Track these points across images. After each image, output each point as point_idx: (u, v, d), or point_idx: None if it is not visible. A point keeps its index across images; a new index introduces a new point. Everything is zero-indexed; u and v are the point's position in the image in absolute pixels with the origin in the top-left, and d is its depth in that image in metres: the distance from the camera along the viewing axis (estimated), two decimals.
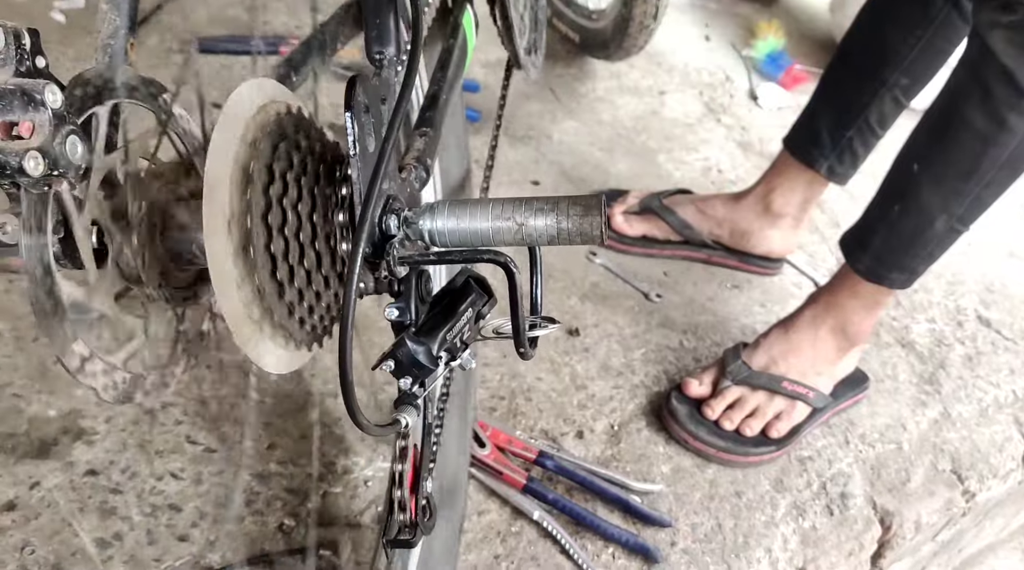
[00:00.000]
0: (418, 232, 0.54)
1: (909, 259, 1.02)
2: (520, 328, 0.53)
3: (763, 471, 1.09)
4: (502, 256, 0.50)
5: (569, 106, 1.77)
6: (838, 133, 1.21)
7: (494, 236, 0.53)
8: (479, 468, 0.99)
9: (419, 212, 0.54)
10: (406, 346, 0.52)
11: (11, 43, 0.41)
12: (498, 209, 0.52)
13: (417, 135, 0.62)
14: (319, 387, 1.04)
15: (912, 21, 1.10)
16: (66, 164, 0.42)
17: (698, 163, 1.71)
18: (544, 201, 0.52)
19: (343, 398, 0.48)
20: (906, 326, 1.41)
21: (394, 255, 0.51)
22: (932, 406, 1.27)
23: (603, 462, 1.06)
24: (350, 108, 0.49)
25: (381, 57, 0.57)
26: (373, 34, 0.57)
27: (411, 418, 0.54)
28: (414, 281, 0.53)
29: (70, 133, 0.43)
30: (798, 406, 1.10)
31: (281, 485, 0.92)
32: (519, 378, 1.13)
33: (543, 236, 0.52)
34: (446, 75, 0.70)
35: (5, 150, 0.39)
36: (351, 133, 0.49)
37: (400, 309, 0.53)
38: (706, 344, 1.27)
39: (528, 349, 0.55)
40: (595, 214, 0.51)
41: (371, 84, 0.52)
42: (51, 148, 0.41)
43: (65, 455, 0.89)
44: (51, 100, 0.41)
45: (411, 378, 0.53)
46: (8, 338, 0.98)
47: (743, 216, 1.36)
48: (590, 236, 0.51)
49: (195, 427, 0.95)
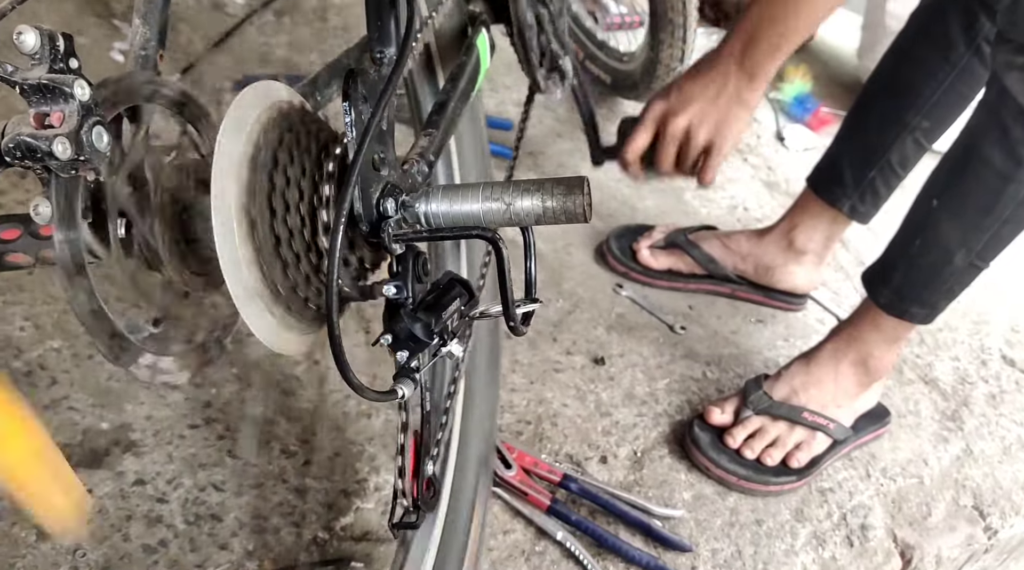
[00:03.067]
0: (415, 214, 0.58)
1: (929, 294, 1.05)
2: (510, 302, 0.56)
3: (784, 500, 1.12)
4: (489, 232, 0.54)
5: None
6: (861, 173, 1.25)
7: (484, 216, 0.57)
8: (505, 488, 1.02)
9: (415, 196, 0.58)
10: (403, 321, 0.56)
11: (46, 44, 0.46)
12: (487, 191, 0.56)
13: (423, 134, 0.68)
14: (353, 407, 1.09)
15: (935, 66, 1.14)
16: (91, 151, 0.47)
17: (724, 201, 1.75)
18: (530, 182, 0.56)
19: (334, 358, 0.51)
20: (929, 363, 1.43)
21: (389, 233, 0.56)
22: (954, 442, 1.28)
23: (626, 487, 1.09)
24: (347, 97, 0.54)
25: (381, 56, 0.63)
26: (375, 35, 0.63)
27: (408, 390, 0.58)
28: (411, 260, 0.58)
29: (96, 123, 0.48)
30: (818, 437, 1.13)
31: (317, 499, 0.97)
32: (545, 404, 1.17)
33: (530, 215, 0.56)
34: (456, 87, 0.76)
35: (37, 136, 0.45)
36: (348, 119, 0.54)
37: (398, 287, 0.57)
38: (729, 376, 1.30)
39: (519, 325, 0.57)
40: (577, 193, 0.54)
41: (370, 78, 0.57)
42: (79, 135, 0.46)
43: (116, 465, 0.95)
44: (79, 93, 0.47)
45: (408, 351, 0.57)
46: (66, 355, 1.05)
47: (767, 252, 1.39)
48: (574, 214, 0.55)
49: (236, 442, 1.00)
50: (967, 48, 1.12)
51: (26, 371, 1.02)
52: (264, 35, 1.83)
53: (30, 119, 0.46)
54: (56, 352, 1.05)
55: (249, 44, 1.78)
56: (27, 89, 0.46)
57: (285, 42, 1.82)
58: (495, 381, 0.95)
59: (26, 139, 0.44)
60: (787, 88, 2.15)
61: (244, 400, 1.05)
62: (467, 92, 0.74)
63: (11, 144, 0.45)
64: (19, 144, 0.45)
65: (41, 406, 0.98)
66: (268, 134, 0.54)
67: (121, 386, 1.03)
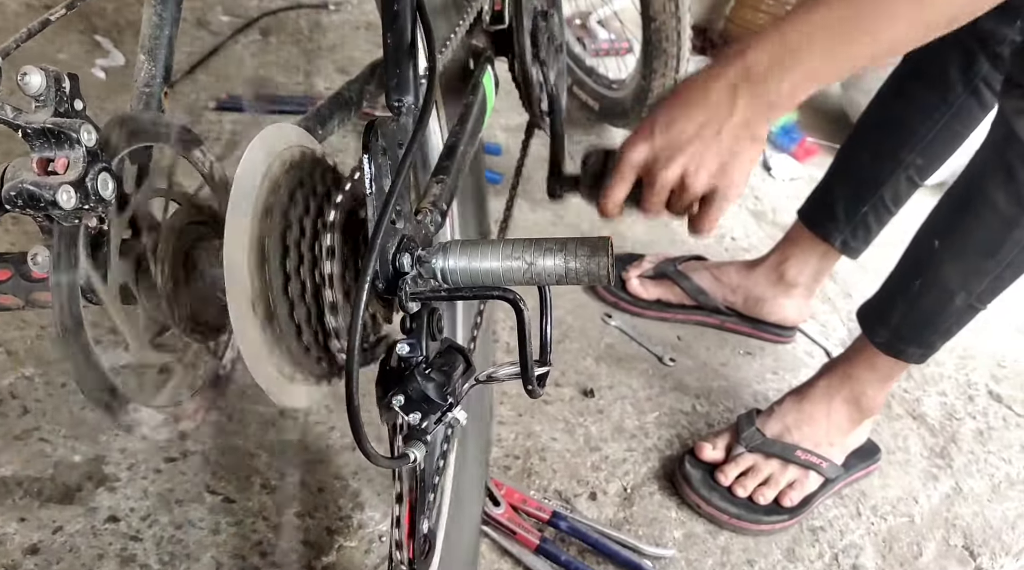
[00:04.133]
0: (431, 270, 0.56)
1: (928, 334, 1.04)
2: (528, 365, 0.54)
3: (775, 540, 1.10)
4: (511, 293, 0.52)
5: None
6: (853, 209, 1.24)
7: (504, 275, 0.54)
8: (493, 527, 0.99)
9: (432, 251, 0.56)
10: (416, 381, 0.53)
11: (51, 86, 0.43)
12: (508, 249, 0.54)
13: (434, 182, 0.65)
14: (337, 439, 1.05)
15: (931, 105, 1.14)
16: (96, 199, 0.45)
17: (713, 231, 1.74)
18: (553, 241, 0.54)
19: (351, 427, 0.49)
20: (917, 398, 1.42)
21: (406, 290, 0.53)
22: (944, 480, 1.27)
23: (615, 525, 1.06)
24: (368, 150, 0.51)
25: (400, 105, 0.60)
26: (393, 83, 0.60)
27: (419, 453, 0.55)
28: (426, 318, 0.55)
29: (102, 170, 0.45)
30: (811, 476, 1.11)
31: (298, 538, 0.93)
32: (534, 437, 1.15)
33: (551, 276, 0.54)
34: (464, 128, 0.73)
35: (40, 184, 0.42)
36: (368, 173, 0.51)
37: (411, 345, 0.55)
38: (719, 409, 1.28)
39: (536, 387, 0.55)
40: (602, 255, 0.53)
41: (389, 129, 0.55)
42: (83, 183, 0.44)
43: (88, 501, 0.91)
44: (86, 138, 0.44)
45: (420, 413, 0.55)
46: (38, 383, 1.01)
47: (757, 284, 1.38)
48: (597, 276, 0.53)
49: (215, 477, 0.97)
50: (964, 88, 1.12)
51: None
52: (250, 54, 1.80)
53: (32, 164, 0.43)
54: (28, 380, 1.01)
55: (234, 63, 1.75)
56: (31, 133, 0.43)
57: (271, 62, 1.80)
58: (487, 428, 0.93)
59: (29, 187, 0.42)
60: None
61: (224, 432, 1.02)
62: (475, 134, 0.72)
63: (12, 192, 0.42)
64: (21, 192, 0.42)
65: (11, 436, 0.94)
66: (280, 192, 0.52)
67: (95, 416, 0.99)
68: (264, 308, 0.52)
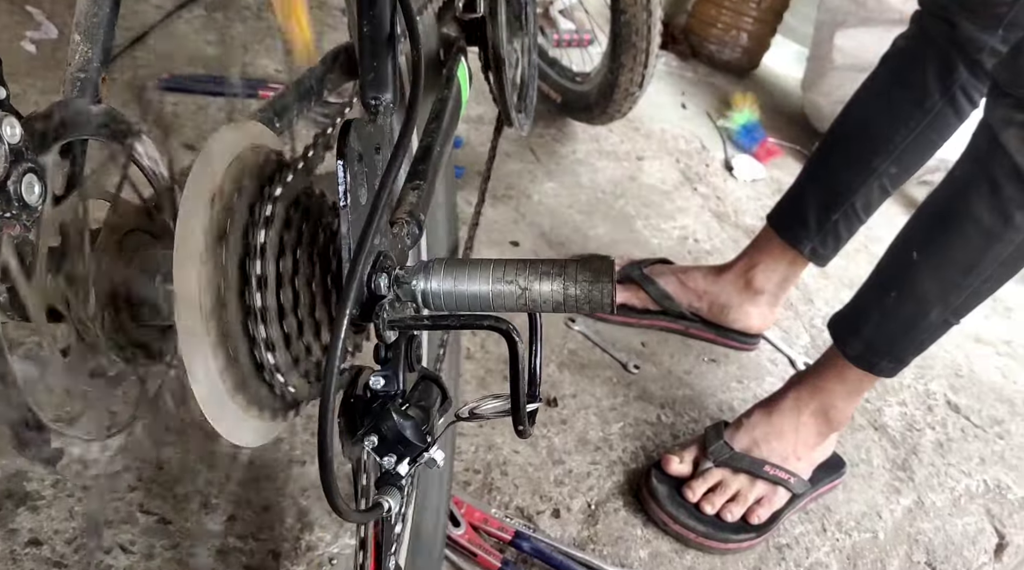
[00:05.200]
0: (410, 293, 0.49)
1: (901, 348, 1.01)
2: (521, 404, 0.48)
3: (741, 558, 1.06)
4: (504, 323, 0.46)
5: (549, 167, 1.75)
6: (824, 216, 1.21)
7: (494, 300, 0.49)
8: (452, 549, 0.93)
9: (412, 271, 0.50)
10: (391, 419, 0.47)
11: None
12: (500, 271, 0.49)
13: (409, 188, 0.58)
14: (284, 453, 0.98)
15: (906, 113, 1.11)
16: (20, 206, 0.38)
17: (675, 231, 1.71)
18: (550, 265, 0.48)
19: (321, 480, 0.43)
20: (879, 408, 1.41)
21: (384, 318, 0.47)
22: (906, 494, 1.25)
23: (580, 544, 1.01)
24: (343, 156, 0.44)
25: (377, 103, 0.54)
26: (369, 78, 0.53)
27: (395, 501, 0.49)
28: (403, 347, 0.49)
29: (27, 171, 0.38)
30: (779, 491, 1.08)
31: (240, 562, 0.86)
32: (495, 450, 1.09)
33: (548, 302, 0.48)
34: (440, 127, 0.66)
35: None
36: (343, 183, 0.44)
37: (387, 378, 0.48)
38: (684, 420, 1.24)
39: (527, 427, 0.50)
40: (606, 281, 0.47)
41: (366, 131, 0.48)
42: (4, 187, 0.37)
43: (7, 521, 0.82)
44: (8, 134, 0.37)
45: (396, 456, 0.48)
46: None
47: (723, 290, 1.34)
48: (600, 304, 0.48)
49: (149, 494, 0.89)
50: (942, 96, 1.09)
51: None
52: (193, 31, 1.70)
53: None
54: None
55: (176, 40, 1.64)
56: None
57: (216, 40, 1.70)
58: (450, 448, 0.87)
59: None
60: (736, 117, 2.13)
61: (159, 445, 0.93)
62: (449, 133, 0.65)
63: None
64: None
65: None
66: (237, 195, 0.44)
67: None
68: (218, 335, 0.45)
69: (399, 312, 0.48)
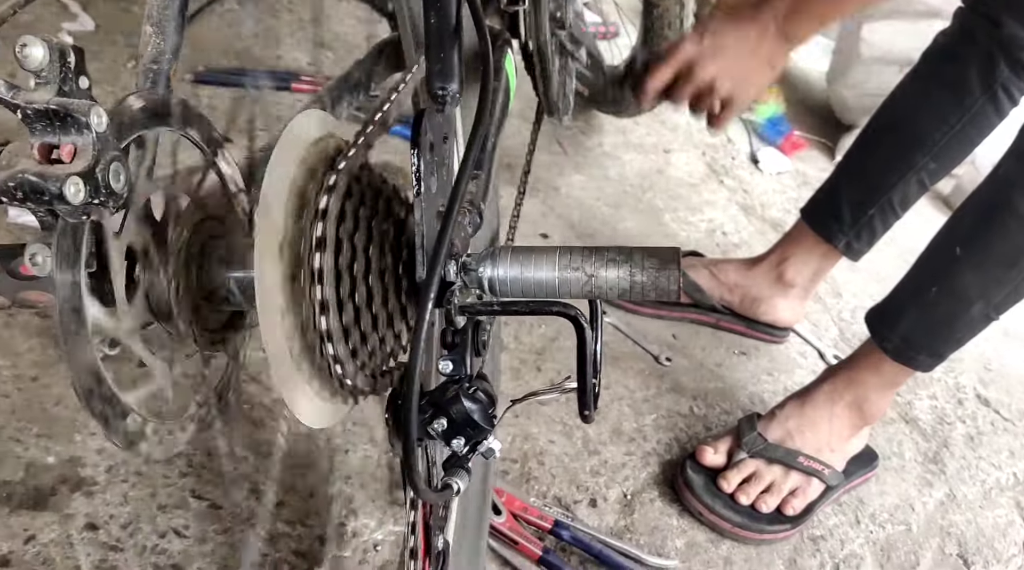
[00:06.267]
0: (476, 279, 0.51)
1: (939, 343, 1.02)
2: (588, 389, 0.50)
3: (776, 549, 1.07)
4: (572, 309, 0.47)
5: (576, 159, 1.76)
6: (860, 210, 1.21)
7: (560, 287, 0.50)
8: (494, 537, 0.95)
9: (478, 258, 0.51)
10: (460, 403, 0.48)
11: (55, 61, 0.37)
12: (566, 258, 0.49)
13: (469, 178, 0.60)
14: (326, 441, 1.00)
15: (947, 109, 1.11)
16: (108, 192, 0.39)
17: (703, 224, 1.71)
18: (617, 252, 0.49)
19: (403, 464, 0.45)
20: (909, 402, 1.41)
21: (455, 304, 0.48)
22: (938, 487, 1.26)
23: (617, 533, 1.03)
24: (417, 145, 0.46)
25: (444, 93, 0.55)
26: (436, 68, 0.54)
27: (463, 483, 0.50)
28: (471, 332, 0.50)
29: (113, 159, 0.40)
30: (813, 483, 1.09)
31: (289, 547, 0.88)
32: (531, 440, 1.10)
33: (614, 289, 0.49)
34: (492, 118, 0.68)
35: (45, 174, 0.36)
36: (416, 172, 0.46)
37: (455, 362, 0.50)
38: (716, 412, 1.26)
39: (592, 410, 0.51)
40: (672, 268, 0.48)
41: (436, 121, 0.49)
42: (93, 174, 0.38)
43: (63, 506, 0.84)
44: (96, 123, 0.38)
45: (464, 438, 0.50)
46: (6, 376, 0.93)
47: (755, 283, 1.35)
48: (666, 290, 0.49)
49: (200, 480, 0.91)
50: (983, 93, 1.09)
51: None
52: (226, 24, 1.71)
53: (33, 151, 0.37)
54: None
55: (211, 33, 1.66)
56: (31, 115, 0.36)
57: (250, 33, 1.71)
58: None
59: (31, 178, 0.35)
60: (761, 109, 2.13)
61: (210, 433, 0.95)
62: (501, 124, 0.67)
63: (11, 183, 0.35)
64: (22, 183, 0.35)
65: None
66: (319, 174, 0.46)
67: (70, 413, 0.92)
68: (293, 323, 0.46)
69: (467, 298, 0.49)
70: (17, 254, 0.43)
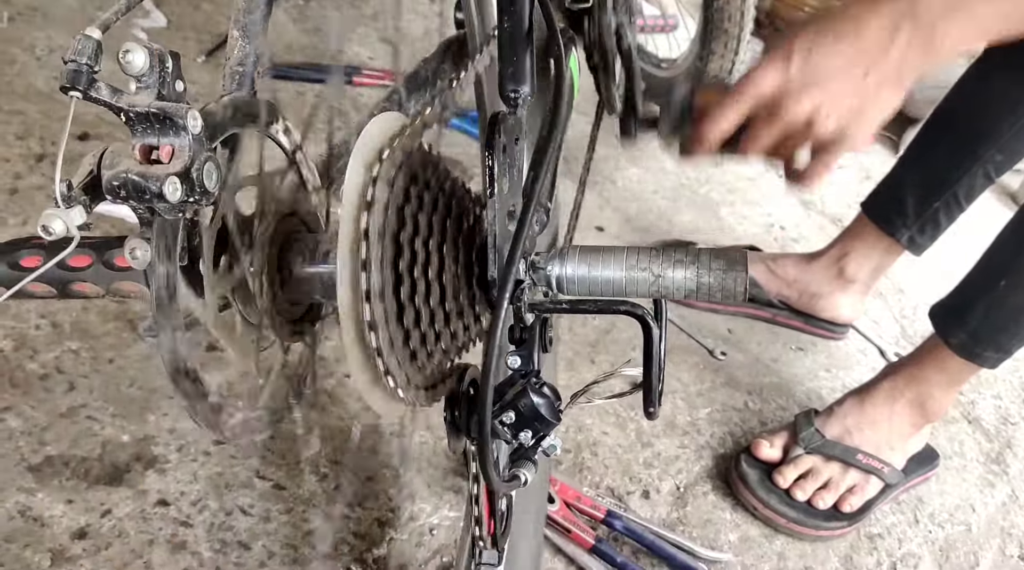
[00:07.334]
0: (544, 278, 0.52)
1: (1007, 338, 1.00)
2: (654, 387, 0.51)
3: (832, 546, 1.06)
4: (639, 308, 0.48)
5: (631, 153, 1.76)
6: (924, 203, 1.19)
7: (627, 286, 0.51)
8: (548, 525, 0.96)
9: (546, 257, 0.52)
10: (528, 397, 0.50)
11: (155, 66, 0.40)
12: (633, 258, 0.50)
13: None
14: (386, 427, 1.02)
15: (1014, 99, 1.08)
16: (202, 191, 0.42)
17: (761, 218, 1.70)
18: (683, 253, 0.50)
19: (478, 454, 0.46)
20: (972, 401, 1.38)
21: (525, 301, 0.50)
22: (1000, 487, 1.23)
23: (669, 525, 1.03)
24: (491, 148, 0.47)
25: (516, 96, 0.56)
26: (509, 71, 0.55)
27: (530, 475, 0.52)
28: (539, 329, 0.51)
29: (207, 159, 0.42)
30: (872, 481, 1.08)
31: (349, 528, 0.91)
32: (585, 431, 1.11)
33: (680, 289, 0.50)
34: (558, 117, 0.69)
35: (147, 175, 0.39)
36: (489, 174, 0.47)
37: (523, 357, 0.51)
38: (771, 407, 1.25)
39: (657, 408, 0.52)
40: (740, 270, 0.49)
41: (509, 124, 0.51)
42: (189, 174, 0.41)
43: (137, 483, 0.88)
44: (192, 125, 0.41)
45: (531, 432, 0.51)
46: (85, 358, 0.98)
47: (814, 279, 1.34)
48: (732, 293, 0.49)
49: (265, 462, 0.94)
50: None
51: (42, 374, 0.95)
52: (291, 20, 1.75)
53: (135, 152, 0.39)
54: (74, 354, 0.98)
55: (274, 29, 1.70)
56: (133, 118, 0.39)
57: (312, 28, 1.75)
58: None
59: (134, 178, 0.38)
60: None
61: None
62: (566, 122, 0.68)
63: (116, 182, 0.38)
64: (125, 183, 0.38)
65: (57, 414, 0.91)
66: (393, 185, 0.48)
67: (143, 394, 0.96)
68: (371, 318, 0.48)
69: (535, 295, 0.51)
70: (113, 247, 0.46)
